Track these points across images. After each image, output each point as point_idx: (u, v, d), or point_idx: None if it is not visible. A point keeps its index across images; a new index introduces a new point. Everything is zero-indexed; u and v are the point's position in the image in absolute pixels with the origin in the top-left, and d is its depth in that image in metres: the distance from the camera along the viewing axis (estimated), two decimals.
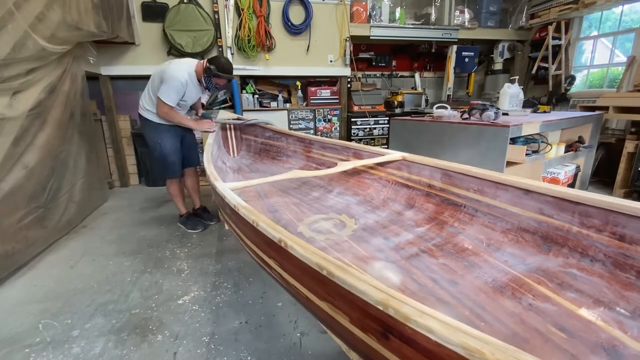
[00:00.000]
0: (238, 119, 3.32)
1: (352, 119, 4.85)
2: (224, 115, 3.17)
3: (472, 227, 1.42)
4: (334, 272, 0.74)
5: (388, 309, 0.62)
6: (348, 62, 4.62)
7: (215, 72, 2.37)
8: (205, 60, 2.41)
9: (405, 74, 5.76)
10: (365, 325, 0.73)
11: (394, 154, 1.90)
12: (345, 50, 4.56)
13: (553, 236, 1.18)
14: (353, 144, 2.25)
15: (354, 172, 2.12)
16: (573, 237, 1.13)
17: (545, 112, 3.47)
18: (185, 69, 2.38)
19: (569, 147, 3.10)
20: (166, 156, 2.55)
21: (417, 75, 5.54)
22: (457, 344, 0.53)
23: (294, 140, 2.77)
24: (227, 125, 3.14)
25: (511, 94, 3.26)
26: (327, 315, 0.87)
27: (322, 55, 4.53)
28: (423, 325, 0.57)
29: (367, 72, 5.55)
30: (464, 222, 1.47)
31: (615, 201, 1.02)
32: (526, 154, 2.44)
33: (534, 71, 4.98)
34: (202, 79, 2.44)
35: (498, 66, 5.42)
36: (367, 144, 4.95)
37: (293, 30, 4.24)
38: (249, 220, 1.11)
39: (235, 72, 4.14)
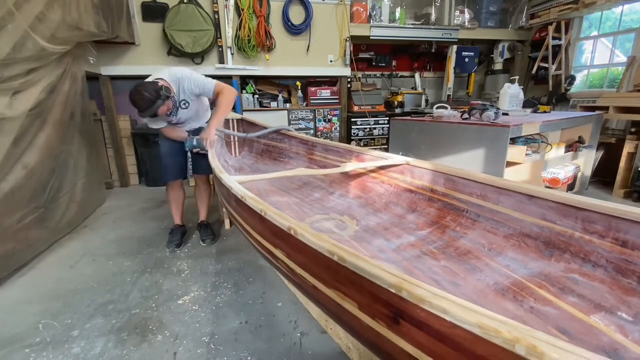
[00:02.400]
0: (241, 119, 3.29)
1: (352, 119, 4.85)
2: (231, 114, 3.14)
3: (474, 232, 1.42)
4: (346, 257, 0.75)
5: (401, 291, 0.62)
6: (348, 62, 4.62)
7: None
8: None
9: (405, 74, 5.75)
10: (374, 311, 0.73)
11: (397, 158, 1.90)
12: (345, 50, 4.55)
13: (555, 241, 1.18)
14: (356, 147, 2.24)
15: (356, 175, 2.12)
16: (575, 243, 1.13)
17: (545, 112, 3.48)
18: None
19: (569, 147, 3.10)
20: (161, 157, 2.43)
21: (417, 75, 5.53)
22: (473, 324, 0.52)
23: (297, 142, 2.76)
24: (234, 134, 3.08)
25: (511, 94, 3.26)
26: (335, 304, 0.87)
27: (322, 55, 4.53)
28: (437, 306, 0.57)
29: (367, 72, 5.55)
30: (466, 227, 1.47)
31: (617, 207, 1.02)
32: (526, 154, 2.44)
33: (534, 71, 4.98)
34: None
35: (498, 66, 5.42)
36: (367, 144, 4.96)
37: (293, 30, 4.23)
38: (257, 210, 1.11)
39: (235, 72, 4.19)
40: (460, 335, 0.55)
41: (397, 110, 5.11)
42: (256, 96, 4.47)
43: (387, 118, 4.91)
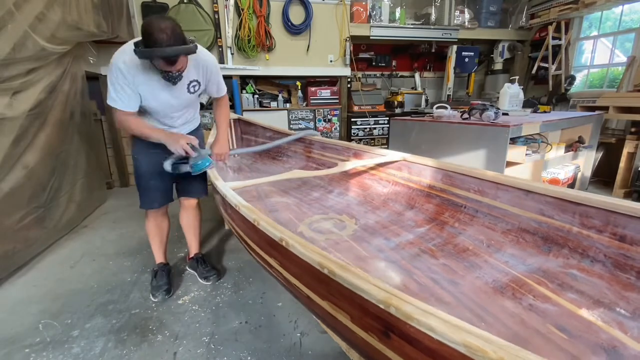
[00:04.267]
0: (238, 119, 3.27)
1: (352, 119, 4.85)
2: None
3: (473, 228, 1.42)
4: (335, 271, 0.75)
5: (389, 307, 0.62)
6: (348, 62, 4.62)
7: (138, 51, 1.38)
8: None
9: (405, 74, 5.75)
10: (366, 324, 0.73)
11: (394, 155, 1.90)
12: (345, 50, 4.56)
13: (553, 237, 1.18)
14: (353, 144, 2.24)
15: (355, 173, 2.12)
16: (573, 238, 1.13)
17: (545, 112, 3.47)
18: (129, 49, 1.47)
19: (569, 147, 3.10)
20: (140, 177, 1.82)
21: (417, 75, 5.53)
22: (458, 343, 0.52)
23: (295, 140, 2.76)
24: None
25: (511, 94, 3.26)
26: (328, 315, 0.87)
27: (322, 55, 4.53)
28: (424, 323, 0.57)
29: (367, 72, 5.55)
30: (464, 223, 1.47)
31: (615, 202, 1.02)
32: (526, 154, 2.44)
33: (534, 71, 4.98)
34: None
35: (498, 66, 5.42)
36: (367, 144, 4.96)
37: (293, 30, 4.24)
38: (250, 220, 1.11)
39: (235, 72, 4.18)
40: (448, 352, 0.55)
41: (397, 110, 5.11)
42: (256, 96, 4.47)
43: (387, 118, 4.91)
